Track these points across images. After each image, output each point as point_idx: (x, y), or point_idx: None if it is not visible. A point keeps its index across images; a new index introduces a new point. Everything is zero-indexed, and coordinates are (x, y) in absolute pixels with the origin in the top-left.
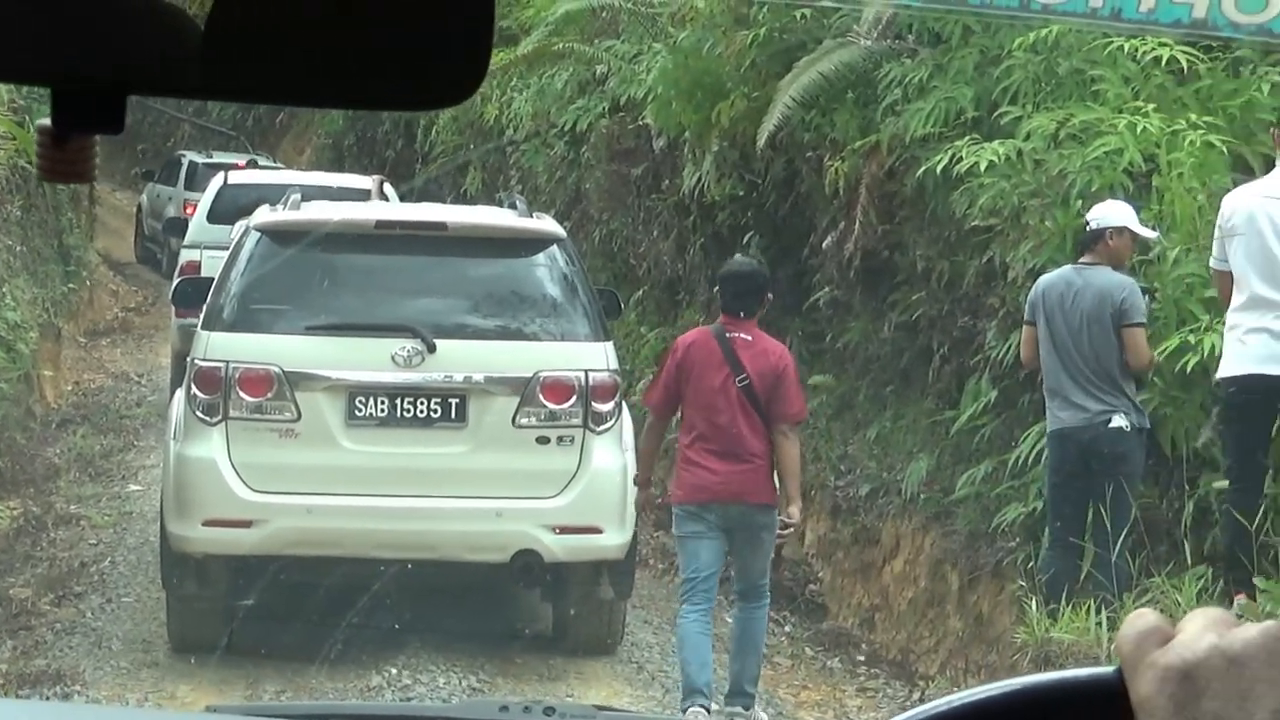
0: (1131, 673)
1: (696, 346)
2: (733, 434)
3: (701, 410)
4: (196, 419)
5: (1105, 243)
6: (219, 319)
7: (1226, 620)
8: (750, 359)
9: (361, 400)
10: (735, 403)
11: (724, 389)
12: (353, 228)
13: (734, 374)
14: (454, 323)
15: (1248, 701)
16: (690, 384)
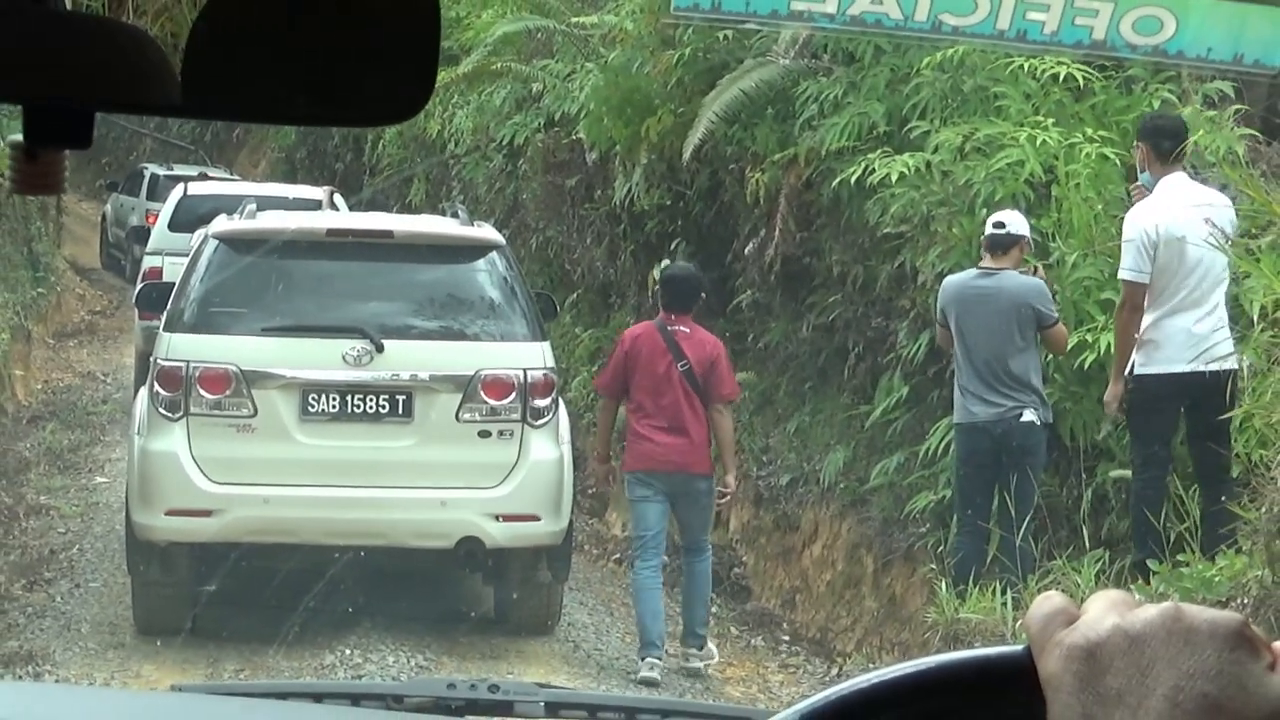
0: (1039, 651)
1: (643, 338)
2: (676, 412)
3: (648, 392)
4: (159, 415)
5: (1018, 249)
6: (180, 321)
7: (1128, 601)
8: (690, 348)
9: (314, 397)
10: (677, 385)
11: (668, 374)
12: (305, 235)
13: (676, 360)
14: (401, 324)
15: (1147, 678)
16: (637, 370)
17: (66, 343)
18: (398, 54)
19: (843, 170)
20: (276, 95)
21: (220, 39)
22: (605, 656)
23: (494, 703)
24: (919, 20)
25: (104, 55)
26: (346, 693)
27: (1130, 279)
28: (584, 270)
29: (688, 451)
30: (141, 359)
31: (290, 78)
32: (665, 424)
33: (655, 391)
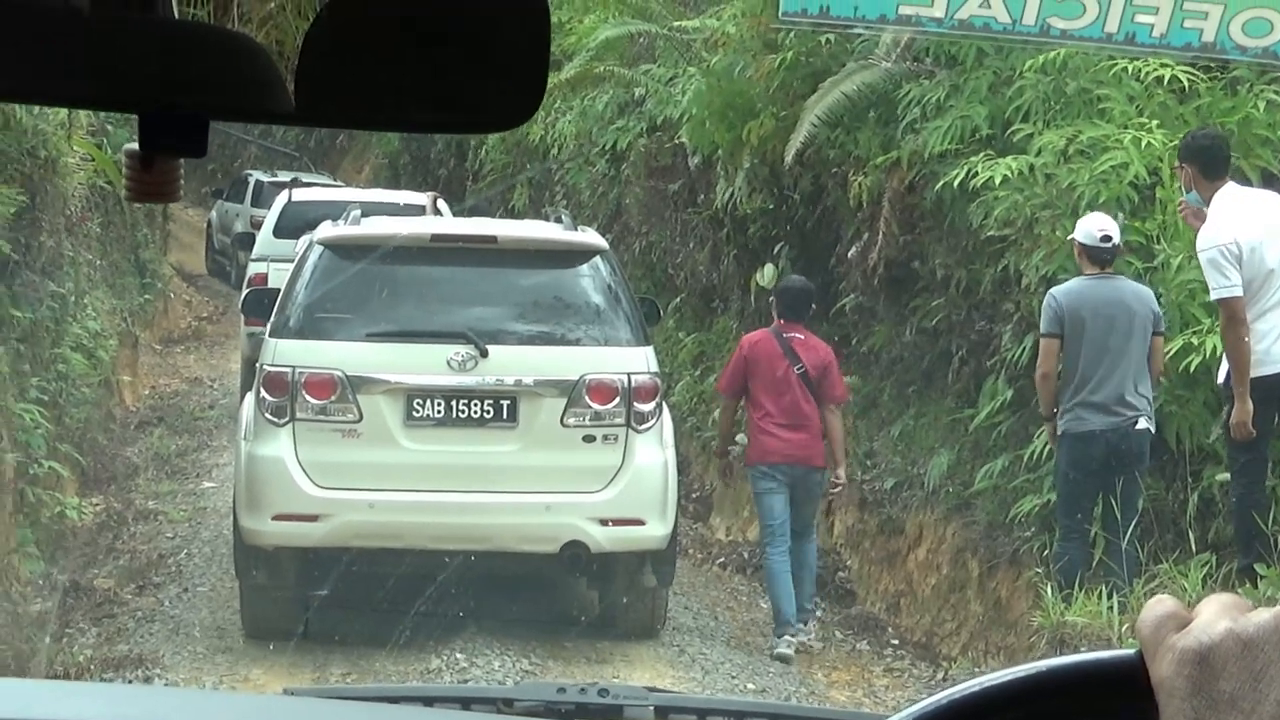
0: (1151, 655)
1: (761, 344)
2: (794, 410)
3: (769, 393)
4: (265, 420)
5: (1119, 256)
6: (286, 327)
7: (1240, 605)
8: (805, 353)
9: (419, 402)
10: (795, 386)
11: (785, 376)
12: (410, 241)
13: (792, 364)
14: (505, 329)
15: (1260, 683)
16: (757, 373)
17: (173, 349)
18: (509, 61)
19: (945, 174)
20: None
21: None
22: (710, 661)
23: (604, 707)
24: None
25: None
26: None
27: (1226, 295)
28: (687, 275)
29: (806, 446)
30: (247, 365)
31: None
32: (785, 421)
33: (775, 392)
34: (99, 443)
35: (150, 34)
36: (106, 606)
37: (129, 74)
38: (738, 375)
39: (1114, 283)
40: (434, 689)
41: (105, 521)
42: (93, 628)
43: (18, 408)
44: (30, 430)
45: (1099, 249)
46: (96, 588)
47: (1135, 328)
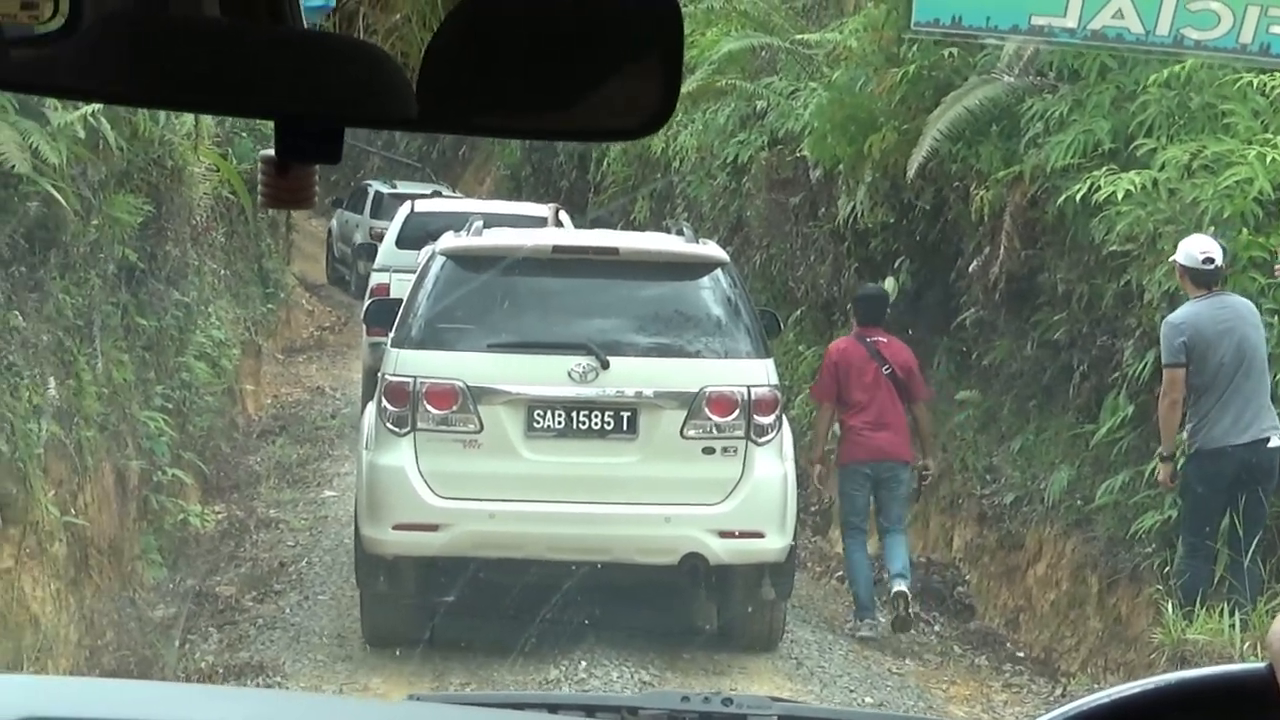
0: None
1: (848, 350)
2: (882, 409)
3: (860, 395)
4: (387, 430)
5: (1226, 274)
6: (407, 337)
7: None
8: (890, 354)
9: (540, 413)
10: (884, 386)
11: (875, 378)
12: (532, 252)
13: (880, 366)
14: (626, 341)
15: None
16: (849, 377)
17: (295, 358)
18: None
19: (1068, 188)
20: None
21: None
22: (828, 674)
23: (728, 716)
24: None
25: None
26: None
27: None
28: (807, 288)
29: (893, 442)
30: (369, 375)
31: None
32: (874, 420)
33: (866, 394)
34: (222, 451)
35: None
36: (228, 613)
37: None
38: (831, 381)
39: (1224, 301)
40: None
41: (227, 529)
42: (215, 634)
43: (143, 415)
44: (155, 438)
45: (1201, 271)
46: (218, 594)
47: (1253, 344)
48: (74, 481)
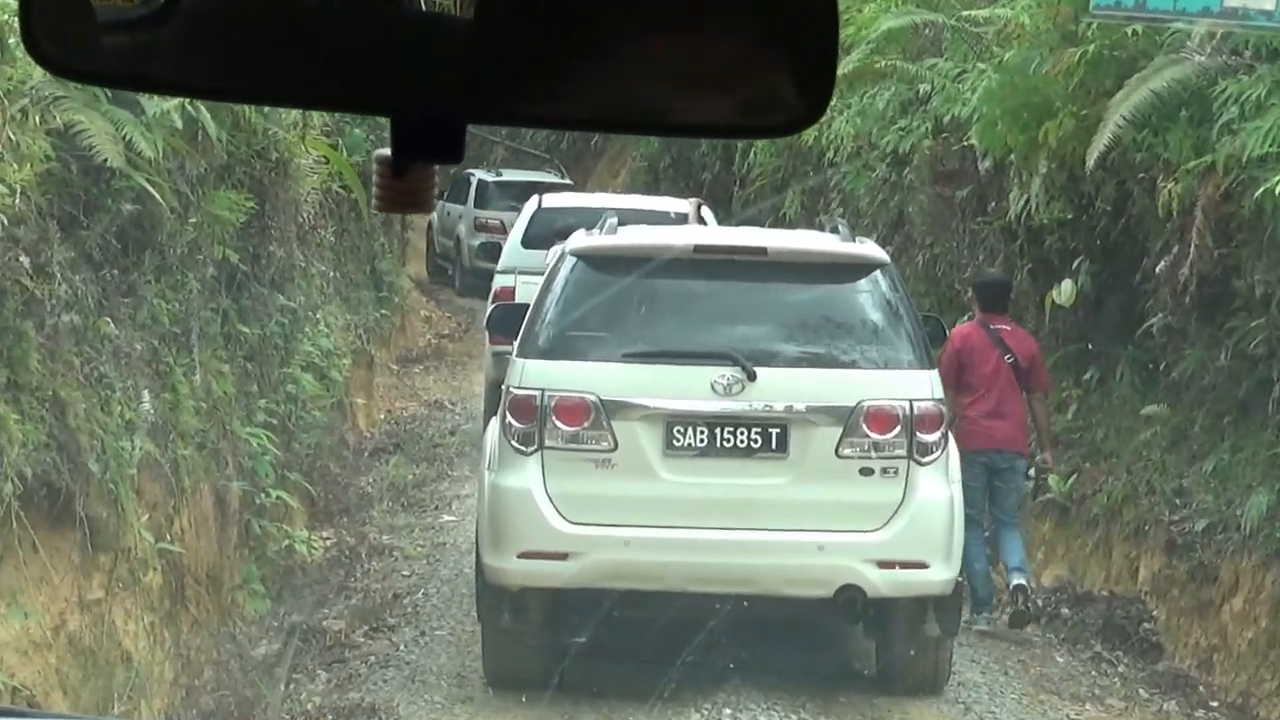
0: None
1: (971, 337)
2: (1001, 399)
3: (980, 384)
4: (511, 448)
5: None
6: (534, 346)
7: None
8: (1014, 343)
9: (680, 430)
10: (1005, 376)
11: (997, 367)
12: (671, 253)
13: (1003, 355)
14: (775, 350)
15: None
16: (970, 365)
17: (411, 369)
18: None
19: (1266, 179)
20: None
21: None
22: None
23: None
24: None
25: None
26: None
27: None
28: None
29: (1010, 434)
30: (492, 387)
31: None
32: (992, 409)
33: (986, 383)
34: (330, 471)
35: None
36: (337, 650)
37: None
38: (951, 369)
39: None
40: None
41: (336, 557)
42: (322, 673)
43: (244, 432)
44: (258, 456)
45: None
46: (326, 629)
47: None
48: (170, 505)
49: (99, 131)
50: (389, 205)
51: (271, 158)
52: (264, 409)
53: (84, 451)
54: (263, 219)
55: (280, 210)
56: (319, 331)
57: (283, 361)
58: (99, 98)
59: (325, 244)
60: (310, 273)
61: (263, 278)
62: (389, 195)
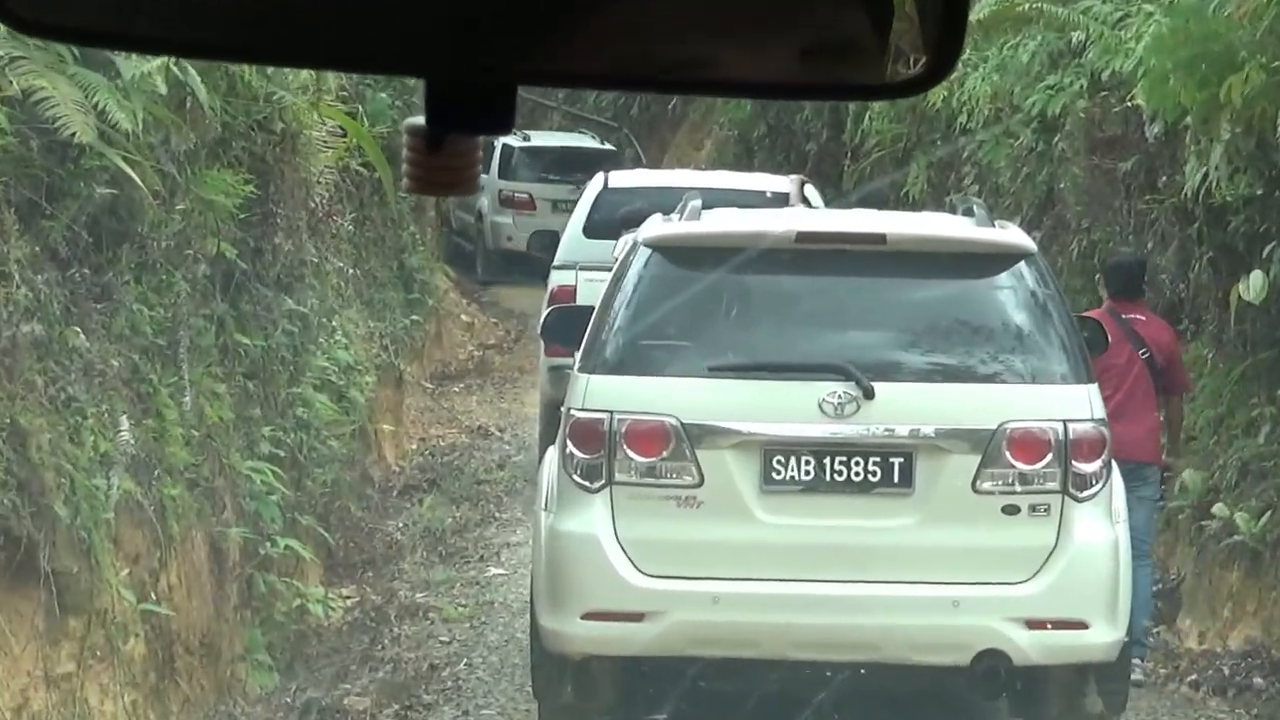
0: None
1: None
2: (1132, 400)
3: (1108, 381)
4: (574, 484)
5: None
6: (601, 358)
7: None
8: (1149, 335)
9: (780, 460)
10: (1137, 373)
11: (1130, 362)
12: (769, 242)
13: (1136, 349)
14: (896, 361)
15: None
16: (1097, 360)
17: (449, 387)
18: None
19: None
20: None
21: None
22: None
23: None
24: None
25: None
26: None
27: None
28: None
29: (1141, 440)
30: (549, 409)
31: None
32: (1120, 411)
33: (1115, 380)
34: (351, 515)
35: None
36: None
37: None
38: None
39: None
40: None
41: (359, 619)
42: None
43: (245, 466)
44: (261, 497)
45: None
46: (348, 709)
47: None
48: (155, 557)
49: (64, 99)
50: (423, 186)
51: (276, 129)
52: (269, 438)
53: (49, 492)
54: (266, 205)
55: (287, 194)
56: (335, 342)
57: (291, 379)
58: (64, 58)
59: (342, 235)
60: (324, 270)
61: (266, 277)
62: (423, 174)
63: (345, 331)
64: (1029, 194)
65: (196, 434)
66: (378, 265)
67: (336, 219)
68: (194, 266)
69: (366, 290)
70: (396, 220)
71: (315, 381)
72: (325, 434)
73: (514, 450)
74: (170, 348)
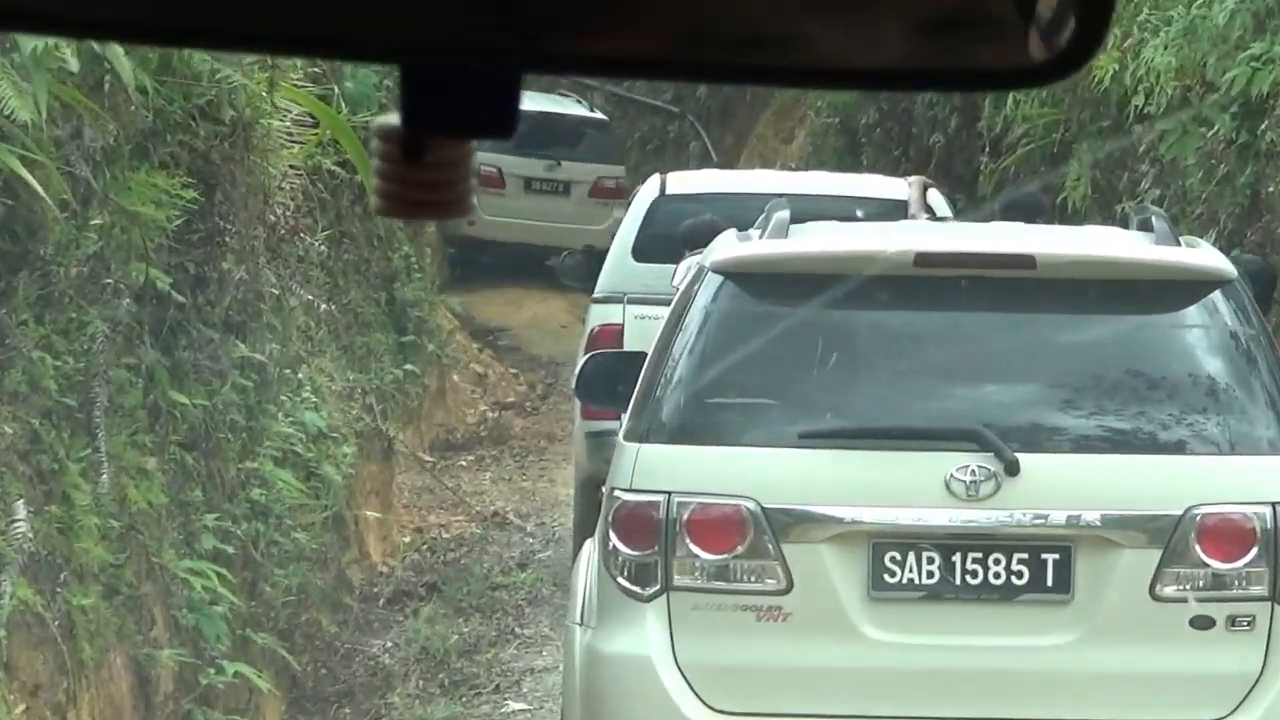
0: None
1: None
2: None
3: None
4: (619, 590)
5: None
6: (655, 421)
7: None
8: None
9: (895, 557)
10: None
11: None
12: (878, 265)
13: None
14: (1049, 424)
15: None
16: None
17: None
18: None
19: None
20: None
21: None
22: None
23: None
24: None
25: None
26: None
27: None
28: None
29: None
30: (586, 489)
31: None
32: None
33: None
34: (323, 630)
35: None
36: None
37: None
38: None
39: None
40: None
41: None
42: None
43: (181, 567)
44: (202, 608)
45: None
46: None
47: None
48: (61, 687)
49: None
50: (397, 207)
51: (225, 118)
52: (213, 529)
53: None
54: (211, 218)
55: (239, 204)
56: (303, 401)
57: (244, 451)
58: None
59: (313, 258)
60: (288, 306)
61: (211, 315)
62: (397, 191)
63: (316, 387)
64: (1227, 201)
65: (116, 524)
66: (360, 298)
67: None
68: (114, 301)
69: (345, 332)
70: (384, 238)
71: (275, 453)
72: (289, 523)
73: (540, 544)
74: (82, 409)
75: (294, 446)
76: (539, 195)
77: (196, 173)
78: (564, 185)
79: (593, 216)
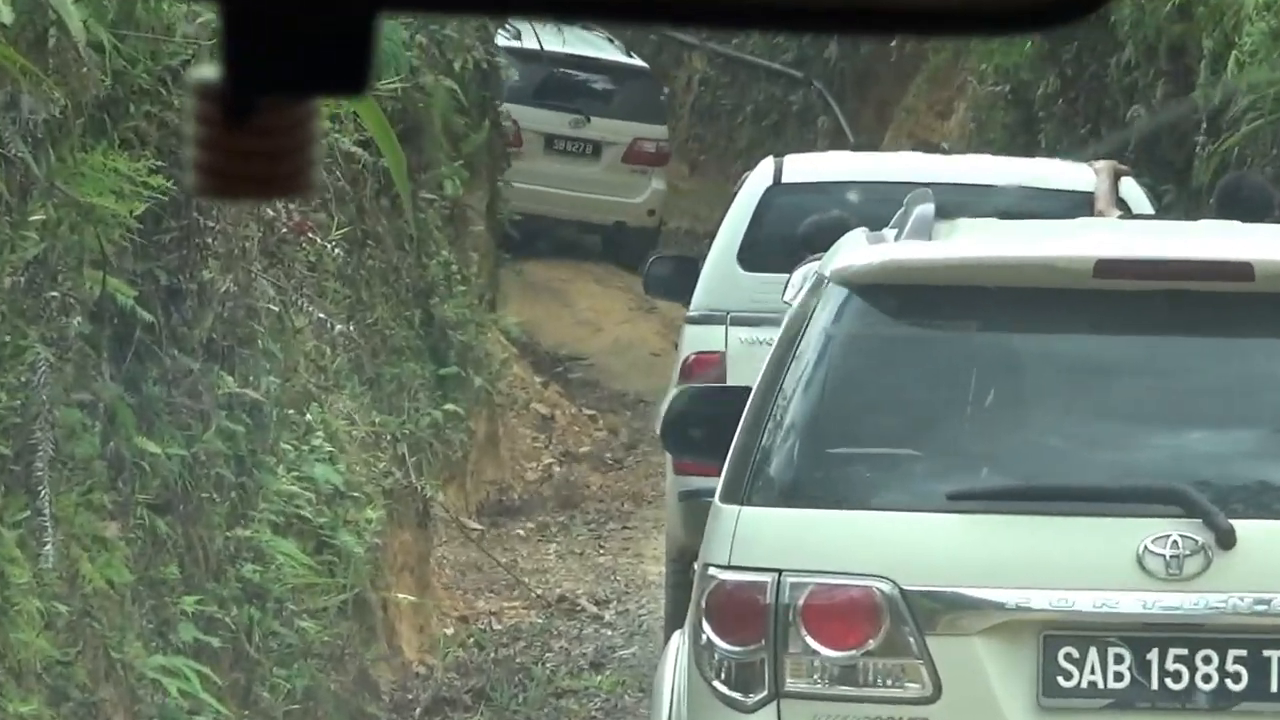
0: None
1: None
2: None
3: None
4: (714, 697)
5: None
6: (761, 477)
7: None
8: None
9: (1073, 653)
10: None
11: None
12: (1050, 276)
13: None
14: (1272, 483)
15: None
16: None
17: (510, 527)
18: None
19: None
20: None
21: None
22: None
23: None
24: None
25: None
26: None
27: None
28: None
29: None
30: (679, 563)
31: None
32: None
33: None
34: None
35: None
36: None
37: None
38: None
39: None
40: None
41: None
42: None
43: (150, 665)
44: (177, 717)
45: None
46: None
47: None
48: None
49: None
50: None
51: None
52: (193, 615)
53: None
54: (188, 213)
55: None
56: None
57: (234, 515)
58: None
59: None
60: (291, 326)
61: (189, 338)
62: (217, 162)
63: (330, 432)
64: None
65: (65, 609)
66: (388, 317)
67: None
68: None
69: (369, 361)
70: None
71: (275, 518)
72: (292, 609)
73: (621, 638)
74: (19, 460)
75: (300, 509)
76: (562, 157)
77: (168, 154)
78: (593, 146)
79: (627, 187)
